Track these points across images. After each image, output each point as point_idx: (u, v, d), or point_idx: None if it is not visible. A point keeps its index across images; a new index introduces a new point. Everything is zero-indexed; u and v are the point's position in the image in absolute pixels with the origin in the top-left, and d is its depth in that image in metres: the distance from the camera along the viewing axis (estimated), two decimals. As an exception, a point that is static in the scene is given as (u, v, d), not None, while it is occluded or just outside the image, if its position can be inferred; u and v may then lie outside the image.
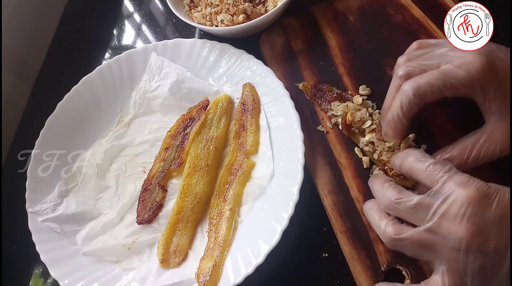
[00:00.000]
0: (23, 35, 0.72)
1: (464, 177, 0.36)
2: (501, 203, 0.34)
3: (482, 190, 0.34)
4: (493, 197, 0.34)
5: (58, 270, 0.50)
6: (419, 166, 0.39)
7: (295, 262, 0.49)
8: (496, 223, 0.34)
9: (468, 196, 0.34)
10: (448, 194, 0.35)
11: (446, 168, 0.37)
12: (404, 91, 0.41)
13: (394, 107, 0.42)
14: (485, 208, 0.34)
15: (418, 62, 0.42)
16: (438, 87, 0.39)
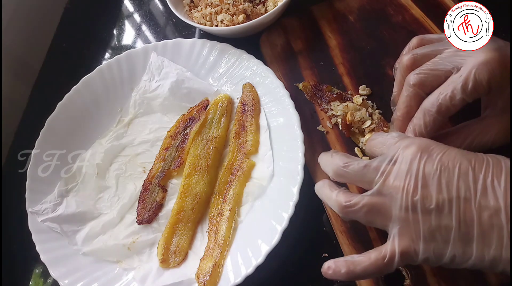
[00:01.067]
0: (23, 35, 0.72)
1: (410, 138, 0.36)
2: (445, 156, 0.33)
3: (424, 144, 0.34)
4: (435, 150, 0.34)
5: (58, 270, 0.50)
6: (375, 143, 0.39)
7: (295, 262, 0.49)
8: (436, 176, 0.33)
9: (411, 153, 0.34)
10: (395, 155, 0.35)
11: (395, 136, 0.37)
12: (426, 109, 0.40)
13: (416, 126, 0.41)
14: (426, 161, 0.33)
15: (429, 68, 0.41)
16: (461, 99, 0.38)
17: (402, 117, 0.43)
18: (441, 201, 0.32)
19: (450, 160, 0.33)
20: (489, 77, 0.37)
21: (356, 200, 0.36)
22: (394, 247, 0.34)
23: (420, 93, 0.41)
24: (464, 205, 0.32)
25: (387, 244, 0.35)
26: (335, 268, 0.36)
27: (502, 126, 0.40)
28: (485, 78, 0.37)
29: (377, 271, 0.35)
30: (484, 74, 0.37)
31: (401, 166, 0.34)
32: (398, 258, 0.34)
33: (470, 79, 0.37)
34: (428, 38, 0.44)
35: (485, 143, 0.40)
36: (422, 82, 0.41)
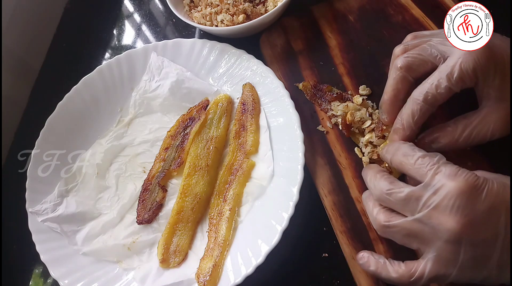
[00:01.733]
0: (23, 35, 0.72)
1: (453, 169, 0.36)
2: (489, 194, 0.35)
3: (471, 182, 0.35)
4: (482, 188, 0.35)
5: (58, 270, 0.50)
6: (408, 161, 0.39)
7: (295, 262, 0.49)
8: (485, 214, 0.34)
9: (457, 188, 0.34)
10: (438, 187, 0.35)
11: (434, 160, 0.37)
12: (414, 99, 0.41)
13: (404, 115, 0.42)
14: (474, 199, 0.34)
15: (417, 53, 0.42)
16: (447, 88, 0.39)
17: (389, 100, 0.44)
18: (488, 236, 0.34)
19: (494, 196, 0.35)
20: (474, 66, 0.38)
21: (396, 223, 0.38)
22: (425, 270, 0.36)
23: (407, 77, 0.42)
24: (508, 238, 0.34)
25: (419, 264, 0.37)
26: (366, 262, 0.41)
27: (499, 116, 0.40)
28: (470, 68, 0.38)
29: (400, 283, 0.38)
30: (469, 63, 0.38)
31: (445, 200, 0.35)
32: (425, 280, 0.36)
33: (455, 68, 0.38)
34: (421, 34, 0.45)
35: (484, 135, 0.41)
36: (409, 65, 0.42)
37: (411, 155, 0.39)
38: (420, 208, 0.36)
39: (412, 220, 0.37)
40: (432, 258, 0.36)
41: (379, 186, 0.40)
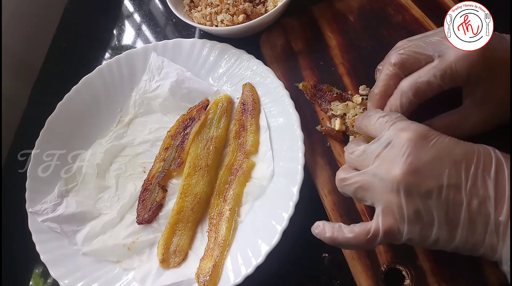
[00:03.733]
0: (23, 35, 0.72)
1: (406, 122, 0.36)
2: (437, 144, 0.34)
3: (421, 131, 0.35)
4: (430, 138, 0.34)
5: (58, 270, 0.50)
6: (370, 121, 0.40)
7: (295, 262, 0.49)
8: (430, 163, 0.33)
9: (407, 137, 0.35)
10: (390, 139, 0.36)
11: (393, 117, 0.38)
12: (403, 91, 0.41)
13: (392, 105, 0.42)
14: (420, 148, 0.34)
15: (412, 50, 0.42)
16: (437, 84, 0.39)
17: (379, 94, 0.44)
18: (431, 187, 0.33)
19: (443, 148, 0.34)
20: (468, 68, 0.38)
21: (349, 176, 0.39)
22: (378, 225, 0.35)
23: (399, 74, 0.42)
24: (454, 192, 0.33)
25: (372, 221, 0.36)
26: (322, 230, 0.39)
27: (480, 116, 0.41)
28: (464, 69, 0.38)
29: (358, 244, 0.37)
30: (464, 65, 0.38)
31: (394, 150, 0.35)
32: (381, 236, 0.35)
33: (449, 68, 0.39)
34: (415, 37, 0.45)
35: (464, 132, 0.41)
36: (403, 63, 0.42)
37: (374, 116, 0.40)
38: (373, 160, 0.36)
39: (362, 172, 0.37)
40: (381, 210, 0.35)
41: (347, 149, 0.41)
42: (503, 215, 0.32)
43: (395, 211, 0.34)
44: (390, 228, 0.35)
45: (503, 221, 0.32)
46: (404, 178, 0.34)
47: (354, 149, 0.39)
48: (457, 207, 0.33)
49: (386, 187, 0.35)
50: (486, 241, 0.33)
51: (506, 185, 0.32)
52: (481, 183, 0.33)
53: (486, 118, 0.41)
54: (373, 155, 0.37)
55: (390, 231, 0.35)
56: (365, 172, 0.37)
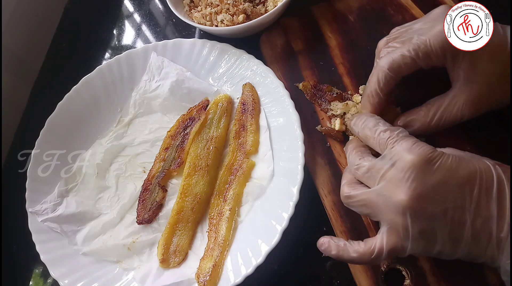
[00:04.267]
0: (23, 35, 0.72)
1: (410, 142, 0.37)
2: (441, 168, 0.35)
3: (425, 155, 0.35)
4: (434, 161, 0.35)
5: (58, 270, 0.50)
6: (371, 134, 0.40)
7: (295, 262, 0.49)
8: (434, 188, 0.34)
9: (411, 161, 0.35)
10: (395, 160, 0.36)
11: (395, 133, 0.38)
12: (380, 66, 0.42)
13: (371, 83, 0.43)
14: (425, 173, 0.35)
15: (397, 40, 0.43)
16: (411, 59, 0.40)
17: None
18: (437, 211, 0.34)
19: (446, 171, 0.35)
20: (442, 45, 0.39)
21: (354, 194, 0.39)
22: (383, 244, 0.36)
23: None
24: (459, 213, 0.34)
25: (377, 239, 0.37)
26: (327, 247, 0.40)
27: (467, 98, 0.41)
28: (438, 45, 0.39)
29: (363, 262, 0.39)
30: (437, 42, 0.39)
31: (398, 173, 0.36)
32: (385, 254, 0.36)
33: (423, 43, 0.40)
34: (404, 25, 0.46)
35: (454, 117, 0.42)
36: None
37: (374, 129, 0.40)
38: (378, 180, 0.37)
39: (369, 192, 0.38)
40: (386, 230, 0.36)
41: (351, 161, 0.42)
42: (504, 232, 0.33)
43: (400, 231, 0.35)
44: (394, 247, 0.36)
45: (503, 237, 0.33)
46: (410, 203, 0.34)
47: (360, 165, 0.40)
48: (461, 226, 0.34)
49: (392, 209, 0.36)
50: (487, 253, 0.34)
51: (507, 204, 0.33)
52: (484, 204, 0.34)
53: (474, 99, 0.41)
54: (378, 174, 0.37)
55: (393, 249, 0.36)
56: (371, 192, 0.38)
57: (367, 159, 0.40)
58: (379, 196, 0.37)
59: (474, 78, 0.41)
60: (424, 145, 0.36)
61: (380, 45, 0.46)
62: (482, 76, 0.40)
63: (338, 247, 0.39)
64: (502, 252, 0.34)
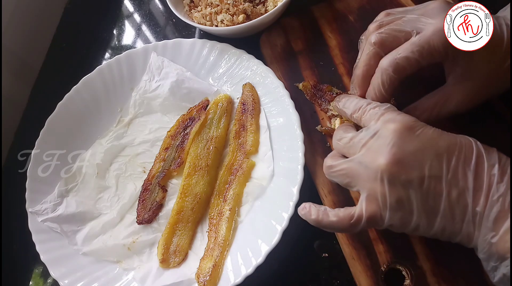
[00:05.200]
0: (23, 35, 0.72)
1: (394, 114, 0.37)
2: (421, 136, 0.35)
3: (407, 123, 0.36)
4: (416, 129, 0.35)
5: (58, 270, 0.50)
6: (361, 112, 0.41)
7: (295, 262, 0.49)
8: (413, 154, 0.35)
9: (393, 129, 0.36)
10: (377, 129, 0.37)
11: (383, 108, 0.39)
12: (383, 69, 0.42)
13: (375, 84, 0.43)
14: (405, 139, 0.35)
15: (390, 28, 0.43)
16: (415, 59, 0.40)
17: (361, 75, 0.45)
18: (413, 177, 0.34)
19: (427, 140, 0.35)
20: (444, 43, 0.39)
21: (335, 164, 0.40)
22: (362, 211, 0.37)
23: (379, 53, 0.43)
24: (435, 183, 0.34)
25: (356, 207, 0.38)
26: (308, 211, 0.41)
27: (464, 93, 0.42)
28: (441, 44, 0.39)
29: (342, 228, 0.39)
30: (440, 40, 0.39)
31: (380, 140, 0.36)
32: (364, 221, 0.37)
33: (426, 43, 0.39)
34: (395, 11, 0.46)
35: (450, 111, 0.42)
36: (383, 41, 0.43)
37: (363, 106, 0.41)
38: (360, 148, 0.38)
39: (350, 160, 0.38)
40: (365, 197, 0.37)
41: (335, 136, 0.42)
42: (479, 206, 0.33)
43: (379, 198, 0.36)
44: (373, 215, 0.36)
45: (480, 211, 0.33)
46: (388, 167, 0.35)
47: (342, 136, 0.40)
48: (437, 197, 0.34)
49: (371, 175, 0.36)
50: (463, 230, 0.34)
51: (484, 177, 0.33)
52: (461, 175, 0.34)
53: (470, 95, 0.42)
54: (360, 143, 0.38)
55: (372, 217, 0.36)
56: (352, 160, 0.38)
57: (350, 132, 0.40)
58: (360, 164, 0.37)
59: (471, 75, 0.41)
60: (407, 115, 0.37)
61: (371, 30, 0.45)
62: (478, 73, 0.41)
63: (318, 212, 0.40)
64: (479, 229, 0.34)
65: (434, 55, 0.40)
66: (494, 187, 0.33)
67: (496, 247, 0.33)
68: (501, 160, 0.34)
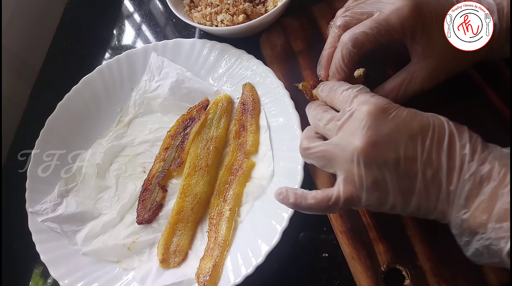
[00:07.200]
0: (23, 35, 0.72)
1: (367, 95, 0.38)
2: (395, 118, 0.35)
3: (380, 105, 0.36)
4: (390, 111, 0.36)
5: (58, 270, 0.50)
6: (335, 94, 0.41)
7: (295, 262, 0.49)
8: (388, 136, 0.35)
9: (367, 110, 0.36)
10: (352, 110, 0.37)
11: (355, 90, 0.39)
12: (343, 43, 0.43)
13: (335, 59, 0.44)
14: (379, 121, 0.35)
15: (353, 11, 0.44)
16: (373, 36, 0.41)
17: (327, 57, 0.46)
18: (389, 159, 0.35)
19: (401, 121, 0.36)
20: (401, 21, 0.40)
21: (313, 145, 0.40)
22: (340, 192, 0.37)
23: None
24: (410, 164, 0.35)
25: (334, 189, 0.38)
26: (285, 196, 0.40)
27: (426, 70, 0.42)
28: (398, 22, 0.40)
29: (320, 210, 0.39)
30: (397, 18, 0.40)
31: (355, 122, 0.37)
32: (342, 203, 0.37)
33: (384, 20, 0.41)
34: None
35: (416, 89, 0.43)
36: (347, 24, 0.44)
37: (339, 89, 0.41)
38: (336, 131, 0.38)
39: (327, 143, 0.39)
40: (343, 180, 0.37)
41: (313, 114, 0.42)
42: (453, 185, 0.34)
43: (356, 180, 0.36)
44: (350, 196, 0.37)
45: (453, 190, 0.34)
46: (364, 150, 0.35)
47: (321, 117, 0.41)
48: (413, 177, 0.35)
49: (347, 157, 0.36)
50: (438, 208, 0.35)
51: (456, 157, 0.34)
52: (435, 156, 0.35)
53: (432, 72, 0.42)
54: (336, 126, 0.38)
55: (350, 198, 0.37)
56: (329, 143, 0.39)
57: (330, 112, 0.41)
58: (336, 146, 0.37)
59: (432, 53, 0.42)
60: (381, 97, 0.37)
61: (338, 14, 0.47)
62: (438, 50, 0.42)
63: (296, 195, 0.39)
64: (452, 206, 0.34)
65: (392, 32, 0.41)
66: (466, 166, 0.34)
67: (467, 223, 0.34)
68: (472, 138, 0.35)
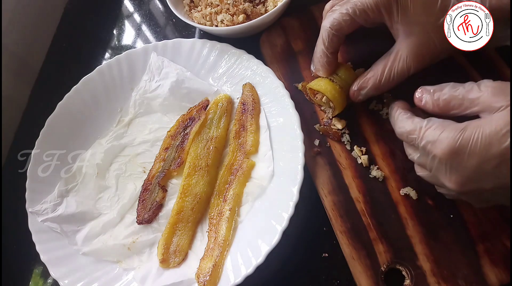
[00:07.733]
0: (23, 35, 0.72)
1: (435, 132, 0.37)
2: (473, 151, 0.35)
3: (453, 145, 0.36)
4: (465, 148, 0.35)
5: (58, 270, 0.50)
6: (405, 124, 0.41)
7: (295, 262, 0.49)
8: (478, 169, 0.35)
9: (443, 154, 0.36)
10: (428, 150, 0.37)
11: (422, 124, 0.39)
12: (323, 26, 0.45)
13: (318, 43, 0.46)
14: (462, 160, 0.35)
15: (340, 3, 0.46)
16: (349, 16, 0.43)
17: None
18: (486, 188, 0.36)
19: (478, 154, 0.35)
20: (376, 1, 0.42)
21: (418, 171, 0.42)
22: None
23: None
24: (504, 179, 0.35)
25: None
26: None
27: (410, 49, 0.43)
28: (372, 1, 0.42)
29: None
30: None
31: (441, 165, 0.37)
32: None
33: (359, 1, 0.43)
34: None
35: (402, 71, 0.44)
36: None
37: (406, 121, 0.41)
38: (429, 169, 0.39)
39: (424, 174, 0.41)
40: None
41: (399, 121, 0.42)
42: None
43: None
44: None
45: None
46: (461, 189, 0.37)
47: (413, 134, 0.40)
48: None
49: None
50: None
51: None
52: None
53: (415, 50, 0.43)
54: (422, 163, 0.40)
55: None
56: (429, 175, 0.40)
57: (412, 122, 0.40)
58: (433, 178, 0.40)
59: (412, 30, 0.43)
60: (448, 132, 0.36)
61: (326, 8, 0.48)
62: (418, 27, 0.42)
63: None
64: None
65: (367, 12, 0.42)
66: None
67: None
68: None
